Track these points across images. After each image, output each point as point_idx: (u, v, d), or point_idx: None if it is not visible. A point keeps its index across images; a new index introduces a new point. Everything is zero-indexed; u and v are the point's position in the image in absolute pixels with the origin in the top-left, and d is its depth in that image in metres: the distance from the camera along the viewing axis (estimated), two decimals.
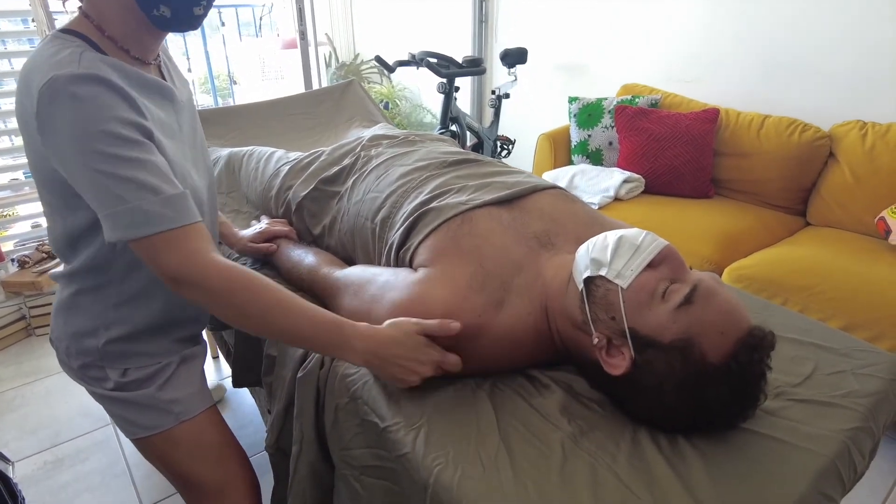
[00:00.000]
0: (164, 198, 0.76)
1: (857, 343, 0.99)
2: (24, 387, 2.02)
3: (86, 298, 0.92)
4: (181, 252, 0.77)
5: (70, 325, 0.94)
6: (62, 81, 0.71)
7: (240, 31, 4.36)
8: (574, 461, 0.72)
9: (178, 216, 0.77)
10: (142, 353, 0.97)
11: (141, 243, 0.76)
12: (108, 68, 0.77)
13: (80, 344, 0.94)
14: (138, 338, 0.95)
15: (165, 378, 0.99)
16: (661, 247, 0.79)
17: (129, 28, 0.81)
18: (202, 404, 1.03)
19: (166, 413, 0.98)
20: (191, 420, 1.00)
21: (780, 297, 1.75)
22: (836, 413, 0.82)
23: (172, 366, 1.00)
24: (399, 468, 0.77)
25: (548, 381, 0.87)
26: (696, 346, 0.71)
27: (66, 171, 0.75)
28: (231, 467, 1.06)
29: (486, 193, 1.01)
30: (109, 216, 0.75)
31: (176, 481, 1.05)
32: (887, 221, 1.95)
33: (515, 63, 3.05)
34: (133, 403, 0.97)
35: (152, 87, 0.85)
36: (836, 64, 2.19)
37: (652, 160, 2.38)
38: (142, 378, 0.97)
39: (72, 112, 0.71)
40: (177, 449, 1.00)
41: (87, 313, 0.93)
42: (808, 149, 2.18)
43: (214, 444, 1.04)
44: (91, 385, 0.98)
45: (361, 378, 0.87)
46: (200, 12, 0.81)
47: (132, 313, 0.93)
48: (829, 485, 0.74)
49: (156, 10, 0.78)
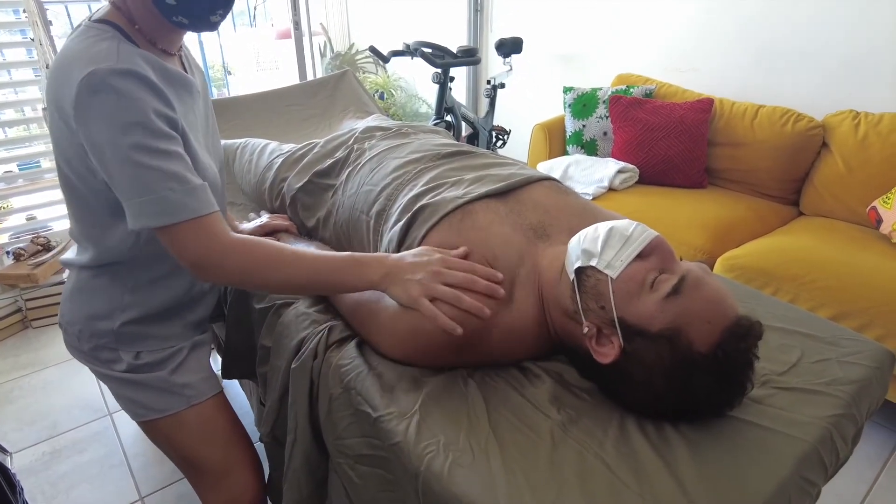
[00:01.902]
0: (189, 188, 0.80)
1: (842, 332, 1.00)
2: (22, 378, 2.03)
3: (103, 281, 0.96)
4: (201, 239, 0.82)
5: (85, 308, 0.98)
6: (101, 75, 0.75)
7: (234, 20, 4.33)
8: (563, 449, 0.74)
9: (200, 206, 0.81)
10: (155, 336, 1.01)
11: (166, 231, 0.81)
12: (143, 62, 0.80)
13: (95, 326, 0.98)
14: (152, 321, 1.00)
15: (178, 362, 1.03)
16: (650, 238, 0.80)
17: (155, 24, 0.84)
18: (211, 389, 1.08)
19: (178, 396, 1.03)
20: (201, 404, 1.05)
21: (772, 287, 1.77)
22: (819, 400, 0.83)
23: (184, 351, 1.05)
24: (392, 456, 0.78)
25: (539, 371, 0.88)
26: (683, 335, 0.72)
27: (99, 160, 0.79)
28: (236, 450, 1.10)
29: (481, 186, 1.01)
30: (136, 204, 0.79)
31: (181, 463, 1.09)
32: (879, 211, 1.96)
33: (510, 53, 3.04)
34: (145, 386, 1.01)
35: (176, 80, 0.88)
36: (830, 54, 2.19)
37: (646, 150, 2.39)
38: (154, 361, 1.01)
39: (109, 105, 0.75)
40: (184, 431, 1.04)
41: (104, 296, 0.97)
42: (801, 138, 2.19)
43: (221, 428, 1.08)
44: (102, 367, 1.01)
45: (355, 369, 0.88)
46: (217, 19, 0.84)
47: (149, 297, 0.98)
48: (811, 470, 0.76)
49: (175, 17, 0.81)
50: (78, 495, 1.57)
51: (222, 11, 0.84)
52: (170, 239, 0.82)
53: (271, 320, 1.07)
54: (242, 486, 1.10)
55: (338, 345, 0.94)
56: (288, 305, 1.06)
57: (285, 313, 1.05)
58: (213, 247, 0.82)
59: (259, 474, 1.13)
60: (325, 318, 1.01)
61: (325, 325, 0.97)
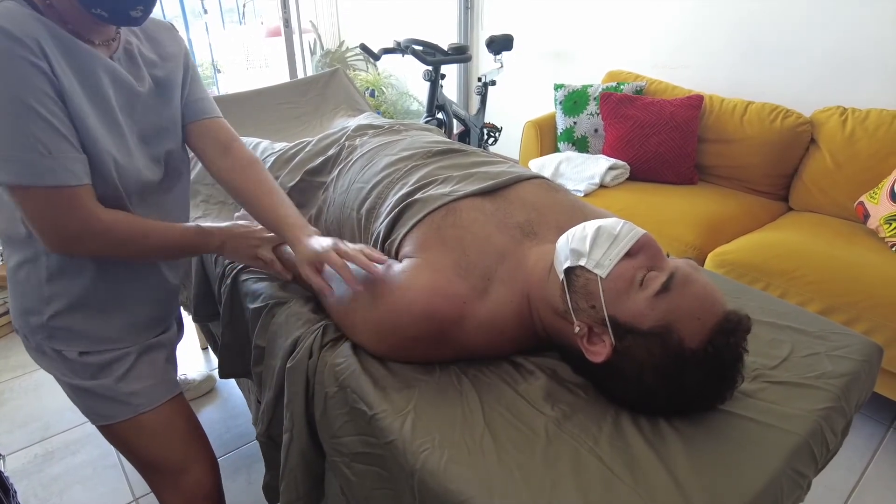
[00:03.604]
0: (58, 156, 0.79)
1: (831, 326, 1.01)
2: (13, 380, 2.02)
3: (22, 273, 0.94)
4: (60, 210, 0.82)
5: (18, 304, 0.96)
6: None
7: (223, 18, 4.30)
8: (557, 444, 0.75)
9: (66, 176, 0.80)
10: (89, 336, 0.98)
11: (26, 193, 0.79)
12: (40, 27, 0.77)
13: (29, 322, 0.96)
14: (80, 314, 0.96)
15: (125, 369, 1.01)
16: (638, 236, 0.80)
17: (76, 14, 0.82)
18: (164, 395, 1.06)
19: (124, 405, 1.01)
20: (152, 411, 1.03)
21: (762, 282, 1.79)
22: (809, 394, 0.84)
23: (131, 357, 1.02)
24: (387, 454, 0.79)
25: (532, 367, 0.89)
26: (674, 331, 0.73)
27: None
28: (193, 448, 1.10)
29: (469, 184, 1.02)
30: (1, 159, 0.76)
31: (138, 465, 1.09)
32: (866, 206, 1.99)
33: (501, 50, 3.04)
34: (92, 393, 1.00)
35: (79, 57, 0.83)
36: (818, 50, 2.22)
37: (637, 147, 2.40)
38: (100, 364, 0.98)
39: None
40: (141, 435, 1.04)
41: (26, 289, 0.94)
42: (789, 135, 2.21)
43: (179, 429, 1.08)
44: (54, 368, 0.99)
45: (349, 367, 0.88)
46: (138, 14, 0.82)
47: (67, 286, 0.94)
48: (802, 462, 0.77)
49: (94, 9, 0.79)
50: (72, 497, 1.56)
51: (143, 7, 0.82)
52: (22, 200, 0.80)
53: (265, 320, 1.07)
54: (198, 480, 1.10)
55: (332, 344, 0.95)
56: (281, 305, 1.06)
57: (279, 313, 1.04)
58: (72, 220, 0.83)
59: (215, 469, 1.14)
60: (318, 317, 1.01)
61: (319, 325, 0.98)
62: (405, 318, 0.85)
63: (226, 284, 1.21)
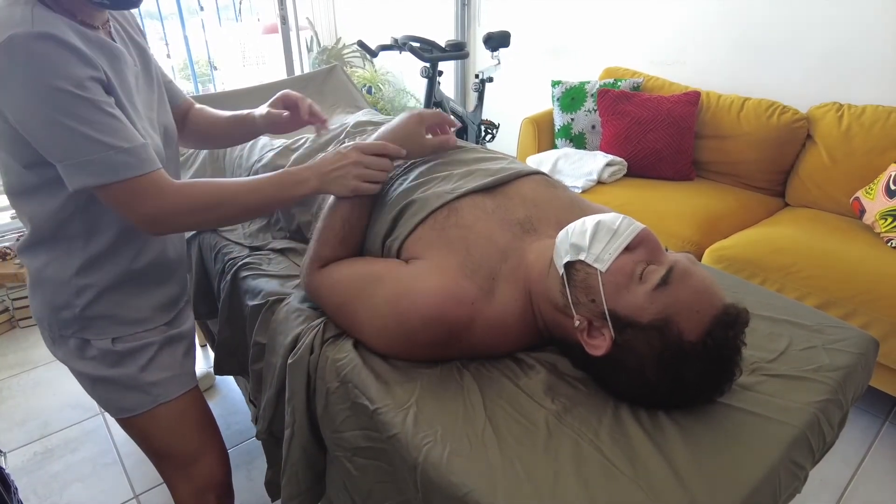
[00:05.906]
0: (130, 148, 0.81)
1: (828, 319, 1.02)
2: (11, 378, 2.01)
3: (50, 269, 0.94)
4: (150, 195, 0.84)
5: (46, 301, 0.96)
6: (20, 40, 0.73)
7: (219, 15, 4.28)
8: (558, 437, 0.75)
9: (142, 164, 0.83)
10: (124, 320, 0.99)
11: (111, 190, 0.82)
12: (62, 24, 0.78)
13: (58, 317, 0.96)
14: (115, 299, 0.97)
15: (148, 358, 1.02)
16: (637, 230, 0.81)
17: (77, 2, 0.82)
18: (182, 387, 1.07)
19: (145, 394, 1.02)
20: (170, 402, 1.04)
21: (759, 277, 1.80)
22: (807, 386, 0.85)
23: (155, 346, 1.03)
24: (390, 448, 0.79)
25: (533, 362, 0.89)
26: (673, 325, 0.74)
27: (26, 129, 0.78)
28: (206, 438, 1.12)
29: (470, 181, 1.02)
30: (75, 165, 0.79)
31: (151, 454, 1.10)
32: (862, 201, 2.00)
33: (498, 47, 3.04)
34: (114, 383, 1.00)
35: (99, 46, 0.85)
36: (814, 47, 2.22)
37: (634, 143, 2.41)
38: (126, 351, 0.99)
39: (32, 70, 0.74)
40: (157, 426, 1.05)
41: (54, 285, 0.95)
42: (786, 130, 2.22)
43: (195, 421, 1.10)
44: (77, 362, 1.00)
45: (351, 363, 0.89)
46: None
47: (99, 276, 0.95)
48: (800, 454, 0.78)
49: None
50: (72, 494, 1.57)
51: None
52: (115, 199, 0.83)
53: (265, 317, 1.08)
54: (211, 470, 1.12)
55: (333, 340, 0.95)
56: (280, 301, 1.06)
57: (278, 310, 1.05)
58: (164, 200, 0.85)
59: (226, 459, 1.16)
60: (318, 314, 1.01)
61: (319, 321, 0.98)
62: (415, 322, 0.84)
63: (225, 281, 1.21)
